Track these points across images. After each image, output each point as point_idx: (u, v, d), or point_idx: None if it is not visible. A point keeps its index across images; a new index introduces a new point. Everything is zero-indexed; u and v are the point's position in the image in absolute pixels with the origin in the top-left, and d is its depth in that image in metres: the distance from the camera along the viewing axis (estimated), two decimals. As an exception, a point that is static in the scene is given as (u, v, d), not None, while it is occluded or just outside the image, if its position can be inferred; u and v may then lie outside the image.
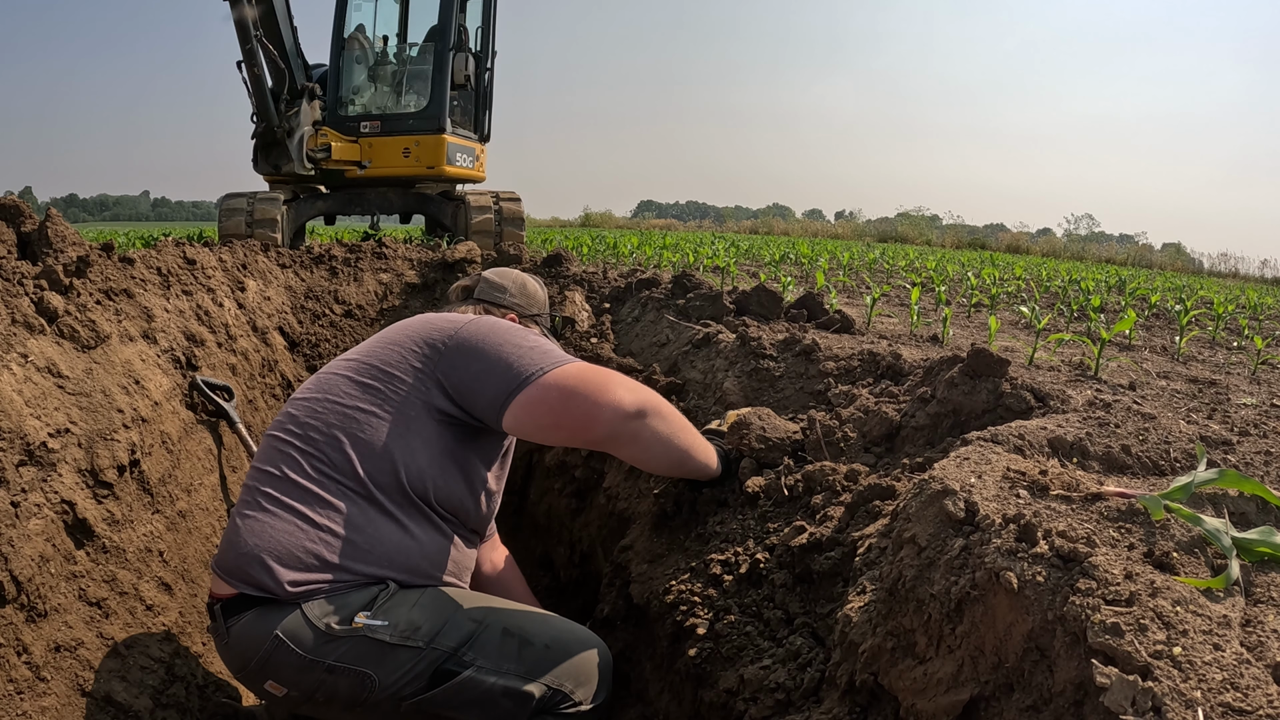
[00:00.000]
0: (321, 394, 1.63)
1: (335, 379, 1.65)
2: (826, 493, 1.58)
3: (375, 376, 1.61)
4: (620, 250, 8.59)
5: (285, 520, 1.49)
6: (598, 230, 24.16)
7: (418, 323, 1.71)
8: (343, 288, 4.34)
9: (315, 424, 1.58)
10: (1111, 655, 0.82)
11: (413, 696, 1.49)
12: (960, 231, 28.95)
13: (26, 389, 1.66)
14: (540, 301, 2.10)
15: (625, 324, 3.43)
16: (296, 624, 1.44)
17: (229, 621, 1.49)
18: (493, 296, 2.01)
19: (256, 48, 6.66)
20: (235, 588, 1.48)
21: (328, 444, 1.55)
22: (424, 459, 1.57)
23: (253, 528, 1.50)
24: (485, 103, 8.93)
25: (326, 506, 1.50)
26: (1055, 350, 3.12)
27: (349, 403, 1.58)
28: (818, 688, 1.25)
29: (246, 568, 1.47)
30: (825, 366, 2.21)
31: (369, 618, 1.45)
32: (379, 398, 1.58)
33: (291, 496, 1.51)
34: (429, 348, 1.62)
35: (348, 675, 1.45)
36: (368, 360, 1.65)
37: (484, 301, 1.99)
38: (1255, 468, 1.36)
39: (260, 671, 1.47)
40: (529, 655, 1.54)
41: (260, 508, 1.52)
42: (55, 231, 2.39)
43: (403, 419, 1.57)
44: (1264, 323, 5.63)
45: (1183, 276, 15.60)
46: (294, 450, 1.56)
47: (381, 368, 1.62)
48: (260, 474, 1.57)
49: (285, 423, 1.62)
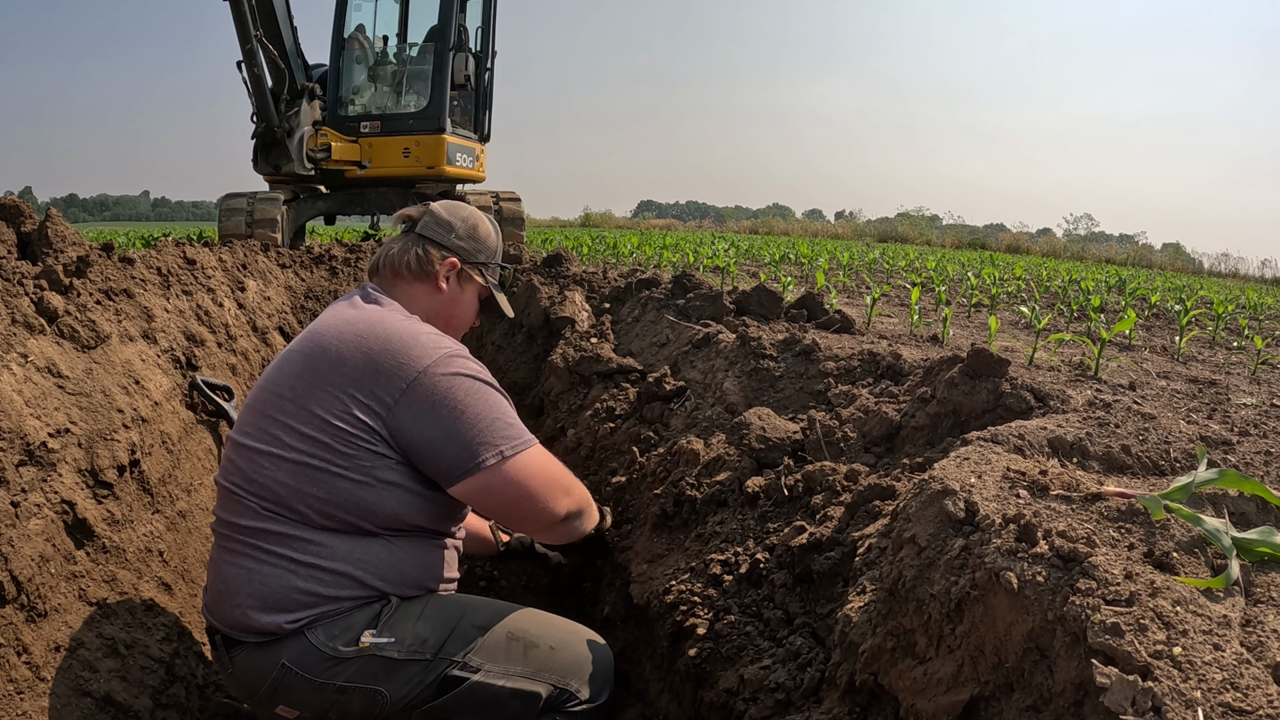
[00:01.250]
0: (265, 446, 1.47)
1: (275, 425, 1.47)
2: (826, 493, 1.58)
3: (319, 429, 1.44)
4: (620, 250, 8.59)
5: (271, 565, 1.45)
6: (598, 230, 24.16)
7: (355, 351, 1.47)
8: (343, 288, 4.34)
9: (268, 481, 1.46)
10: (1111, 655, 0.82)
11: (423, 705, 1.50)
12: (960, 231, 28.96)
13: (26, 389, 1.66)
14: (490, 247, 1.85)
15: (625, 324, 3.43)
16: (303, 650, 1.43)
17: (232, 653, 1.48)
18: (436, 234, 1.76)
19: (256, 48, 6.66)
20: (235, 637, 1.47)
21: (290, 497, 1.45)
22: (391, 499, 1.48)
23: (240, 576, 1.45)
24: (485, 103, 8.93)
25: (308, 544, 1.45)
26: (1055, 350, 3.12)
27: (297, 458, 1.44)
28: (818, 688, 1.25)
29: (242, 618, 1.44)
30: (825, 366, 2.21)
31: (375, 636, 1.44)
32: (329, 452, 1.43)
33: (269, 541, 1.46)
34: (375, 400, 1.44)
35: (359, 694, 1.45)
36: (304, 404, 1.46)
37: (425, 239, 1.75)
38: (1255, 468, 1.36)
39: (270, 699, 1.47)
40: (535, 657, 1.56)
41: (242, 554, 1.47)
42: (55, 231, 2.39)
43: (359, 469, 1.45)
44: (1264, 323, 5.63)
45: (1183, 276, 15.60)
46: (256, 504, 1.47)
47: (324, 418, 1.44)
48: (227, 524, 1.50)
49: (234, 476, 1.50)
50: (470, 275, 1.78)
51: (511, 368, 3.72)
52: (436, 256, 1.73)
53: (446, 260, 1.74)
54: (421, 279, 1.72)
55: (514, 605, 1.69)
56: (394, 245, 1.75)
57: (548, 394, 3.06)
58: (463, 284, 1.78)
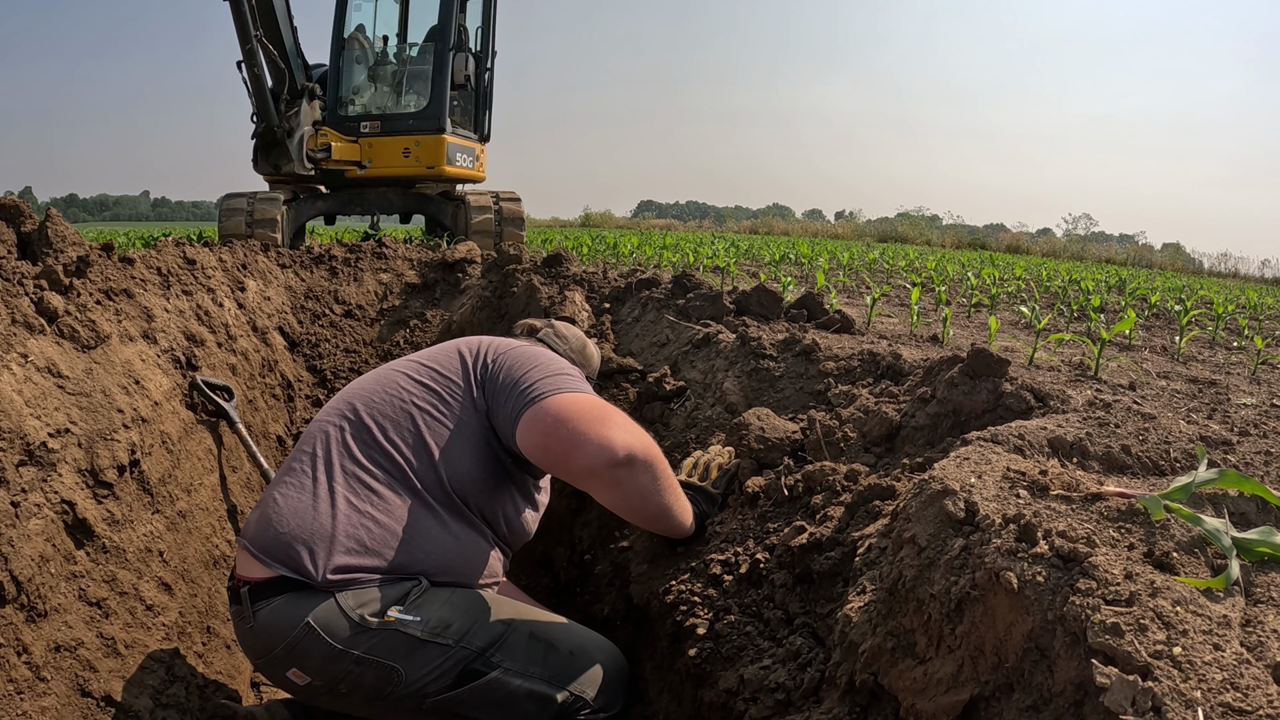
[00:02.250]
0: (380, 387, 1.69)
1: (394, 375, 1.72)
2: (826, 493, 1.58)
3: (432, 377, 1.69)
4: (620, 250, 8.59)
5: (329, 505, 1.50)
6: (598, 230, 24.17)
7: (477, 338, 1.81)
8: (343, 288, 4.34)
9: (371, 414, 1.62)
10: (1111, 655, 0.82)
11: (437, 694, 1.50)
12: (960, 231, 28.96)
13: (26, 389, 1.66)
14: (592, 367, 2.17)
15: (625, 324, 3.42)
16: (329, 612, 1.43)
17: (255, 606, 1.47)
18: (552, 341, 2.06)
19: (256, 48, 6.66)
20: (271, 569, 1.47)
21: (380, 433, 1.59)
22: (470, 461, 1.60)
23: (295, 508, 1.49)
24: (485, 103, 8.93)
25: (371, 494, 1.52)
26: (1055, 350, 3.12)
27: (406, 398, 1.65)
28: (818, 688, 1.25)
29: (287, 549, 1.46)
30: (825, 366, 2.21)
31: (401, 612, 1.46)
32: (435, 397, 1.65)
33: (337, 480, 1.53)
34: (477, 358, 1.71)
35: (375, 668, 1.45)
36: (427, 362, 1.74)
37: (544, 343, 2.03)
38: (1255, 468, 1.36)
39: (285, 659, 1.46)
40: (554, 660, 1.56)
41: (303, 488, 1.52)
42: (55, 231, 2.39)
43: (455, 420, 1.62)
44: (1264, 323, 5.63)
45: (1183, 276, 15.60)
46: (345, 435, 1.60)
47: (438, 370, 1.70)
48: (304, 455, 1.59)
49: (341, 409, 1.67)
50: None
51: (511, 368, 3.72)
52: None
53: None
54: None
55: (537, 607, 1.70)
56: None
57: (548, 394, 3.06)
58: None
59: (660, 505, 1.55)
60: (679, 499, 1.62)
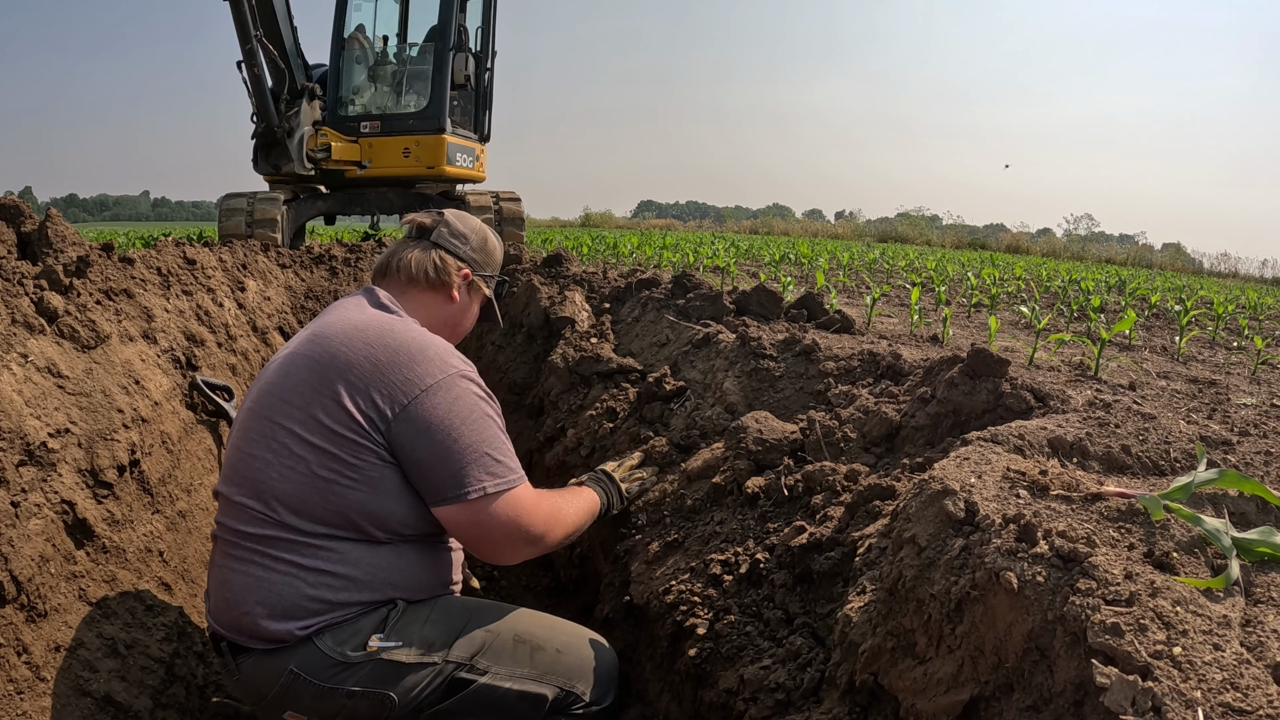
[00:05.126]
0: (273, 455, 1.46)
1: (281, 432, 1.46)
2: (826, 493, 1.58)
3: (327, 438, 1.44)
4: (620, 250, 8.59)
5: (279, 573, 1.44)
6: (598, 230, 24.16)
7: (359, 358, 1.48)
8: (343, 288, 4.34)
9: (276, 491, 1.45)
10: (1111, 655, 0.82)
11: (430, 708, 1.51)
12: (960, 231, 28.97)
13: (26, 389, 1.66)
14: (496, 262, 1.92)
15: (625, 324, 3.42)
16: (311, 657, 1.43)
17: (238, 659, 1.47)
18: (451, 245, 1.79)
19: (256, 48, 6.67)
20: (242, 643, 1.47)
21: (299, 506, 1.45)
22: (399, 509, 1.49)
23: (248, 584, 1.44)
24: (485, 103, 8.94)
25: (317, 550, 1.45)
26: (1055, 350, 3.12)
27: (303, 468, 1.44)
28: (818, 688, 1.25)
29: (250, 626, 1.44)
30: (825, 367, 2.21)
31: (382, 640, 1.45)
32: (337, 463, 1.44)
33: (277, 549, 1.45)
34: (376, 412, 1.45)
35: (367, 698, 1.45)
36: (311, 412, 1.45)
37: (439, 247, 1.77)
38: (1255, 468, 1.36)
39: (278, 704, 1.47)
40: (542, 660, 1.57)
41: (249, 562, 1.46)
42: (55, 231, 2.39)
43: (364, 481, 1.45)
44: (1264, 323, 5.63)
45: (1183, 276, 15.60)
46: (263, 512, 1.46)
47: (331, 427, 1.44)
48: (233, 532, 1.49)
49: (239, 484, 1.49)
50: (478, 285, 1.84)
51: (511, 368, 3.72)
52: (454, 266, 1.76)
53: (461, 270, 1.78)
54: (436, 288, 1.74)
55: (520, 607, 1.69)
56: (407, 251, 1.75)
57: (547, 394, 3.06)
58: (471, 294, 1.83)
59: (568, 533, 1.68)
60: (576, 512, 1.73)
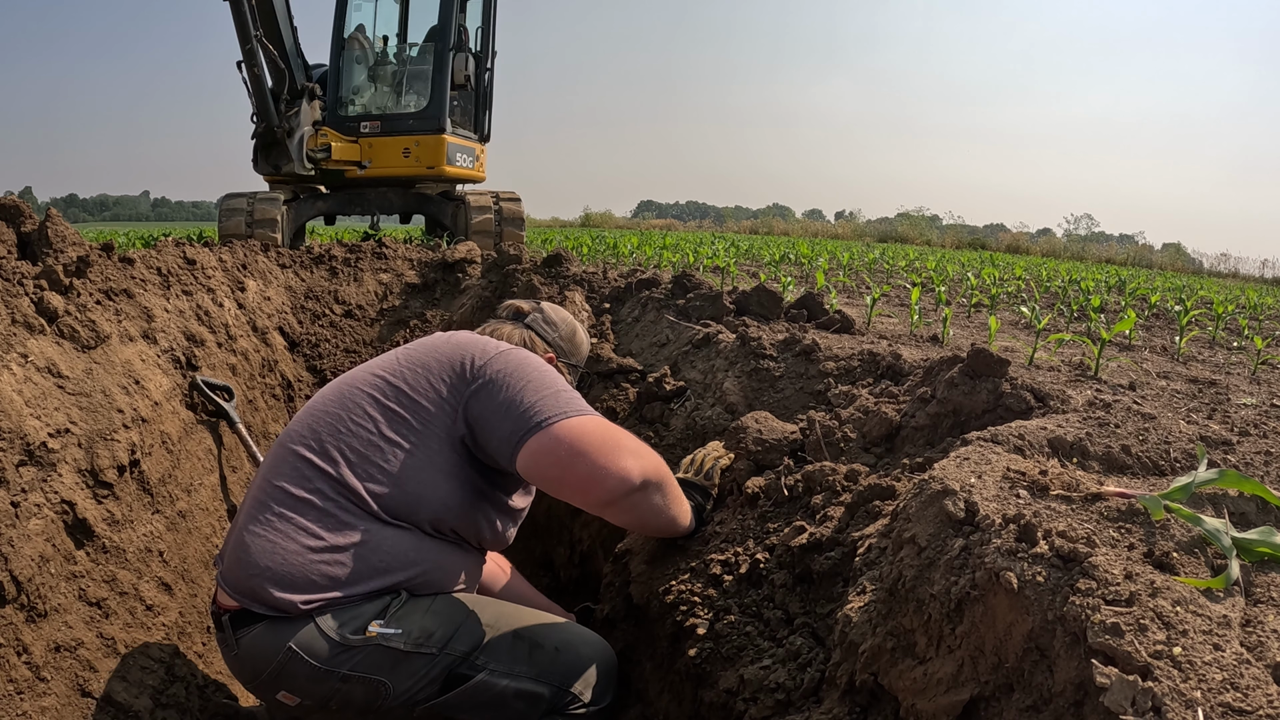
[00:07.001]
0: (344, 411, 1.57)
1: (359, 396, 1.59)
2: (826, 493, 1.58)
3: (401, 403, 1.56)
4: (620, 250, 8.59)
5: (298, 541, 1.46)
6: (598, 230, 24.16)
7: (448, 345, 1.66)
8: (343, 288, 4.34)
9: (335, 445, 1.53)
10: (1111, 655, 0.82)
11: (426, 701, 1.51)
12: (960, 231, 28.96)
13: (26, 389, 1.66)
14: (582, 356, 2.06)
15: (625, 324, 3.42)
16: (310, 636, 1.43)
17: (238, 633, 1.48)
18: (542, 329, 1.94)
19: (256, 48, 6.66)
20: (245, 605, 1.47)
21: (347, 467, 1.51)
22: (444, 492, 1.54)
23: (264, 547, 1.46)
24: (485, 103, 8.94)
25: (342, 527, 1.48)
26: (1055, 350, 3.12)
27: (371, 427, 1.54)
28: (818, 688, 1.25)
29: (257, 589, 1.45)
30: (825, 367, 2.21)
31: (382, 626, 1.45)
32: (404, 427, 1.54)
33: (306, 516, 1.48)
34: (457, 376, 1.58)
35: (362, 684, 1.46)
36: (394, 382, 1.59)
37: (532, 329, 1.92)
38: (1255, 468, 1.36)
39: (273, 682, 1.47)
40: (539, 658, 1.57)
41: (271, 525, 1.48)
42: (55, 231, 2.39)
43: (426, 451, 1.54)
44: (1264, 323, 5.63)
45: (1183, 276, 15.60)
46: (310, 468, 1.51)
47: (408, 394, 1.57)
48: (272, 488, 1.53)
49: (304, 435, 1.57)
50: (560, 370, 1.92)
51: (511, 368, 3.72)
52: (541, 348, 1.91)
53: (547, 354, 1.91)
54: None
55: (520, 606, 1.69)
56: (502, 326, 1.92)
57: (548, 394, 3.06)
58: None
59: (668, 518, 1.61)
60: (682, 506, 1.66)
